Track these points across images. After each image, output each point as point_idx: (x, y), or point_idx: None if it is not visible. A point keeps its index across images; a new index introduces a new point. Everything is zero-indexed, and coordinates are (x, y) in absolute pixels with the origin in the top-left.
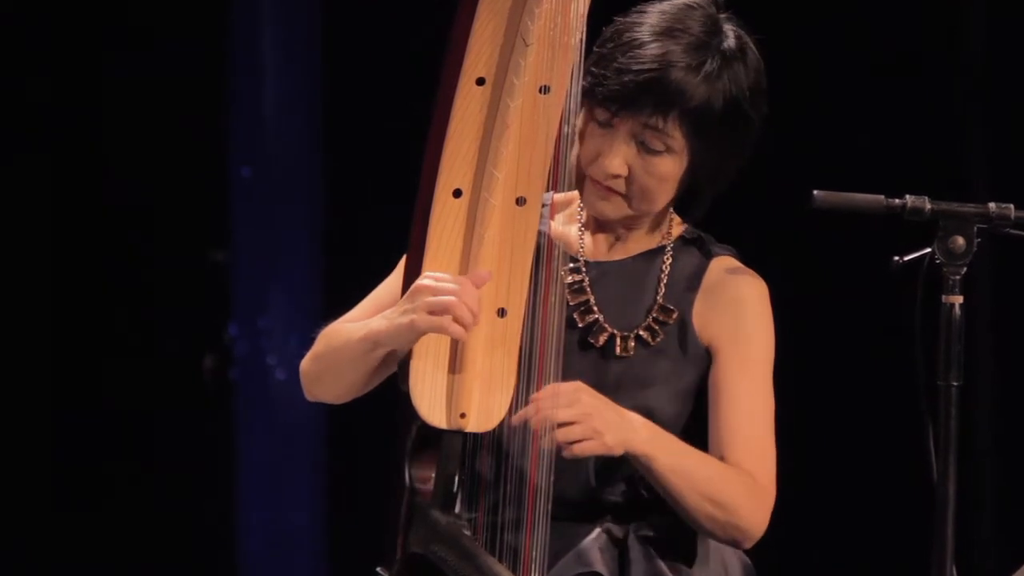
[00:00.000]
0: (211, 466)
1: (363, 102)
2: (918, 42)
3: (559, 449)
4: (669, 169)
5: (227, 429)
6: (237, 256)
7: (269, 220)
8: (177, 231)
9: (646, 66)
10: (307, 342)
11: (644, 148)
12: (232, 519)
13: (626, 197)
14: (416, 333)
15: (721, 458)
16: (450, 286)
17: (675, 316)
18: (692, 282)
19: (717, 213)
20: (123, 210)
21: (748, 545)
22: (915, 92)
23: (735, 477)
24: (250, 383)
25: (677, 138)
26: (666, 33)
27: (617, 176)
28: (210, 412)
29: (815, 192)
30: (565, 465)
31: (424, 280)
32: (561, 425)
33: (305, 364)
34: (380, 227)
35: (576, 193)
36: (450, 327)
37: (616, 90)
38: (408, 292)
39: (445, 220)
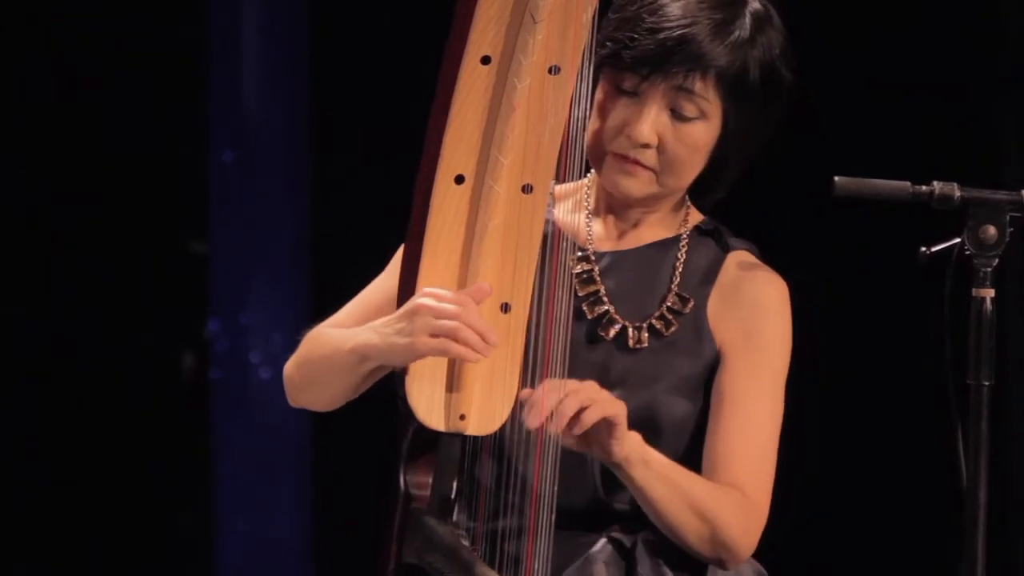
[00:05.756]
0: (189, 472)
1: (352, 81)
2: (948, 25)
3: (565, 454)
4: (702, 136)
5: (206, 432)
6: (217, 247)
7: (252, 208)
8: (153, 220)
9: (679, 22)
10: (292, 339)
11: (676, 115)
12: (211, 529)
13: (654, 172)
14: (415, 356)
15: (714, 468)
16: (452, 308)
17: (691, 305)
18: (708, 276)
19: (732, 200)
20: (95, 198)
21: (734, 565)
22: (944, 75)
23: (724, 493)
24: (231, 383)
25: (712, 101)
26: None
27: (647, 146)
28: (188, 414)
29: (836, 178)
30: (571, 472)
31: (424, 300)
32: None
33: (289, 369)
34: (370, 216)
35: (582, 182)
36: (454, 350)
37: (649, 50)
38: (405, 310)
39: (446, 208)
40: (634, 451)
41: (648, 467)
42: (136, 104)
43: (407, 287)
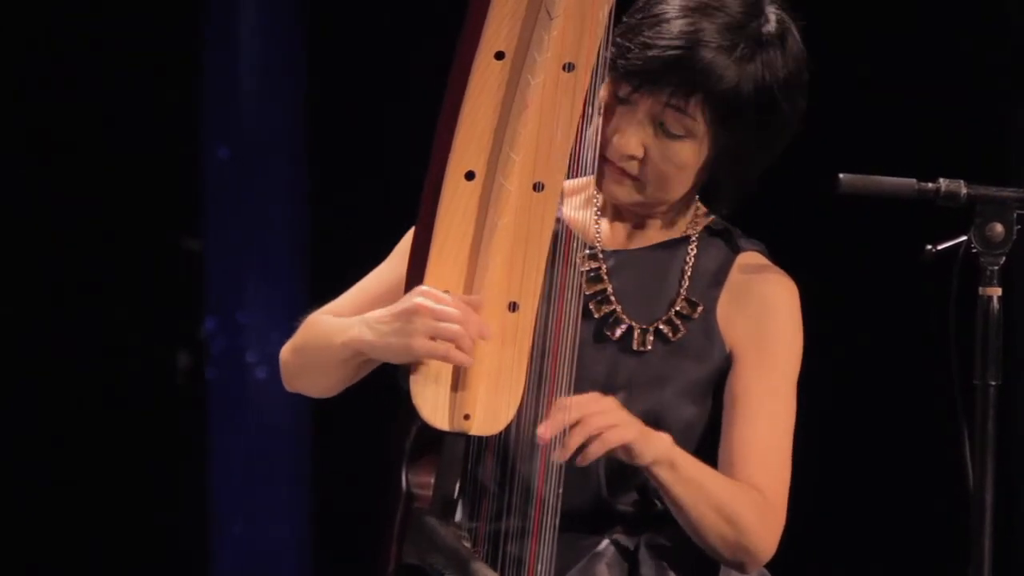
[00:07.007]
0: (185, 473)
1: (350, 79)
2: (953, 23)
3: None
4: (688, 156)
5: (202, 433)
6: (213, 244)
7: (248, 205)
8: (148, 217)
9: (673, 42)
10: (290, 338)
11: (663, 131)
12: (207, 533)
13: (640, 182)
14: (411, 357)
15: (731, 470)
16: (452, 312)
17: (700, 310)
18: (717, 277)
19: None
20: (91, 195)
21: (754, 569)
22: (949, 73)
23: (746, 495)
24: (227, 383)
25: (699, 122)
26: (700, 9)
27: (632, 157)
28: (183, 415)
29: (840, 175)
30: (574, 473)
31: (422, 300)
32: (573, 426)
33: (285, 354)
34: (370, 212)
35: (591, 178)
36: (453, 355)
37: (638, 65)
38: (402, 310)
39: (456, 205)
40: (661, 455)
41: (674, 470)
42: (132, 101)
43: (414, 284)
